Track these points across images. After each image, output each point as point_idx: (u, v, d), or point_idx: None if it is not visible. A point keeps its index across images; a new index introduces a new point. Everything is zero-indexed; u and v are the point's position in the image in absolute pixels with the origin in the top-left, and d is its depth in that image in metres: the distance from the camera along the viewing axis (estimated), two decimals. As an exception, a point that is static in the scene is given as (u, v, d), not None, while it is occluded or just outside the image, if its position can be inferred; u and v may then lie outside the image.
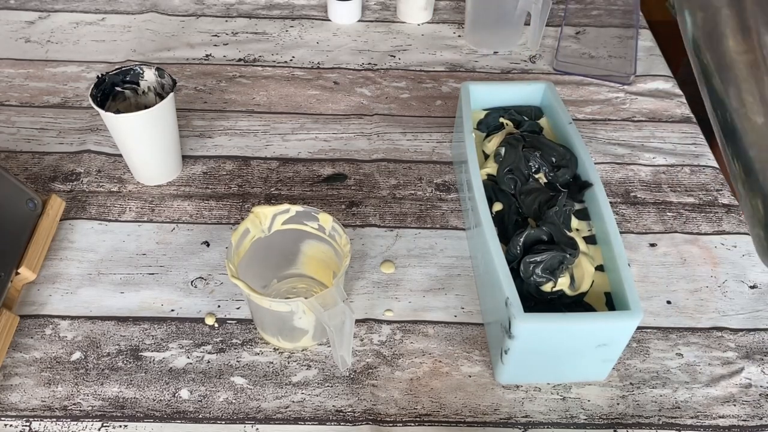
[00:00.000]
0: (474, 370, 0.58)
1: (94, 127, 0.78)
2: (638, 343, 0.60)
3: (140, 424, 0.54)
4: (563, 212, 0.60)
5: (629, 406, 0.56)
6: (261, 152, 0.77)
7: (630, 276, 0.53)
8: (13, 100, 0.82)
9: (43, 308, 0.61)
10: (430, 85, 0.87)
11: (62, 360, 0.57)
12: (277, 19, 0.97)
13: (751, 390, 0.58)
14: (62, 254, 0.65)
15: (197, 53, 0.90)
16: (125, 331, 0.60)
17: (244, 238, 0.58)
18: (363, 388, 0.56)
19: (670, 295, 0.64)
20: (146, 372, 0.57)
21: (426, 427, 0.54)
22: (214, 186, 0.73)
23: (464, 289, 0.64)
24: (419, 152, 0.77)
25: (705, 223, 0.71)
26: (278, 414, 0.55)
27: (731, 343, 0.61)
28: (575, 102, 0.84)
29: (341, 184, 0.73)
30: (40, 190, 0.71)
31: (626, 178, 0.75)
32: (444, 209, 0.71)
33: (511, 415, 0.55)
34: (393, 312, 0.62)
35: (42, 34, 0.92)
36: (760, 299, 0.64)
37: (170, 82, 0.68)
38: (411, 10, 0.96)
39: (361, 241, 0.68)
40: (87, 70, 0.86)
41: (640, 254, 0.68)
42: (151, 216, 0.69)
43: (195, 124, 0.80)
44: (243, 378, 0.57)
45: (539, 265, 0.55)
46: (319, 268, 0.62)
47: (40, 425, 0.53)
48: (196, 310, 0.61)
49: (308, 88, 0.85)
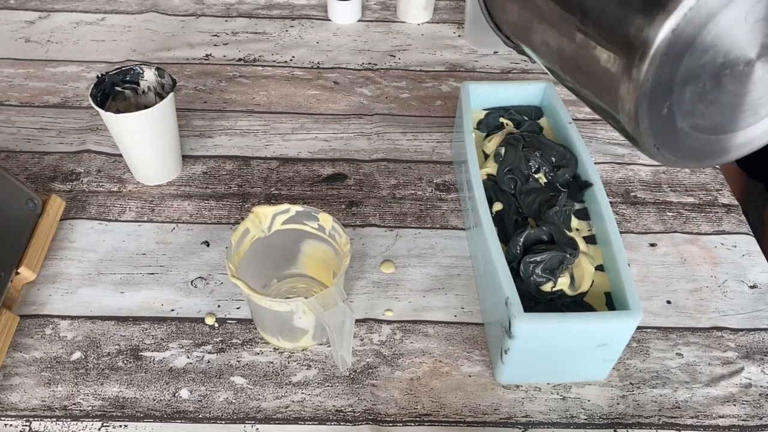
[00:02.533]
0: (474, 370, 0.58)
1: (94, 127, 0.78)
2: (638, 343, 0.60)
3: (140, 423, 0.54)
4: (563, 212, 0.60)
5: (629, 406, 0.56)
6: (261, 152, 0.77)
7: (630, 276, 0.53)
8: (13, 99, 0.82)
9: (43, 308, 0.61)
10: (430, 84, 0.87)
11: (62, 360, 0.57)
12: (277, 18, 0.97)
13: (751, 390, 0.58)
14: (62, 254, 0.65)
15: (197, 53, 0.90)
16: (125, 331, 0.60)
17: (244, 238, 0.58)
18: (363, 388, 0.57)
19: (670, 295, 0.64)
20: (146, 372, 0.57)
21: (426, 427, 0.54)
22: (214, 186, 0.73)
23: (464, 289, 0.64)
24: (419, 152, 0.77)
25: (705, 223, 0.71)
26: (278, 414, 0.55)
27: (731, 343, 0.61)
28: (575, 102, 0.84)
29: (341, 184, 0.73)
30: (40, 190, 0.71)
31: (626, 178, 0.75)
32: (444, 209, 0.71)
33: (511, 415, 0.55)
34: (393, 312, 0.62)
35: (42, 34, 0.92)
36: (760, 299, 0.64)
37: (170, 82, 0.68)
38: (411, 10, 0.96)
39: (361, 241, 0.68)
40: (87, 70, 0.86)
41: (640, 254, 0.68)
42: (151, 216, 0.69)
43: (195, 124, 0.80)
44: (243, 378, 0.57)
45: (539, 265, 0.55)
46: (319, 268, 0.62)
47: (40, 425, 0.53)
48: (196, 310, 0.61)
49: (308, 88, 0.86)
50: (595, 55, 0.38)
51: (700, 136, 0.39)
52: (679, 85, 0.36)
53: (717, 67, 0.36)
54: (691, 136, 0.38)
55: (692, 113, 0.37)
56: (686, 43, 0.34)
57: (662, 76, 0.35)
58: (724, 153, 0.40)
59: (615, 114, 0.39)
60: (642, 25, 0.34)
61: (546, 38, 0.44)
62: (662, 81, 0.35)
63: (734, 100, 0.38)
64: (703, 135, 0.39)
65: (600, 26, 0.37)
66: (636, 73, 0.35)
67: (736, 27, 0.34)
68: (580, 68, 0.41)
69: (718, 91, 0.37)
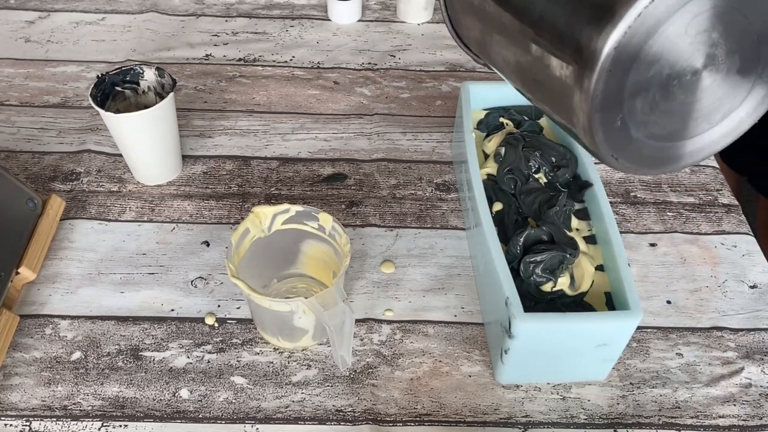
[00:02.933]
0: (474, 370, 0.58)
1: (94, 126, 0.78)
2: (638, 343, 0.60)
3: (140, 423, 0.54)
4: (563, 212, 0.60)
5: (629, 406, 0.56)
6: (261, 152, 0.77)
7: (630, 276, 0.53)
8: (13, 99, 0.82)
9: (43, 308, 0.61)
10: (430, 84, 0.87)
11: (62, 360, 0.57)
12: (277, 18, 0.97)
13: (751, 390, 0.58)
14: (62, 254, 0.65)
15: (197, 53, 0.90)
16: (125, 330, 0.60)
17: (244, 238, 0.58)
18: (363, 388, 0.57)
19: (670, 295, 0.64)
20: (146, 372, 0.57)
21: (426, 426, 0.54)
22: (214, 186, 0.73)
23: (464, 289, 0.64)
24: (419, 152, 0.77)
25: (705, 223, 0.71)
26: (278, 414, 0.55)
27: (731, 343, 0.61)
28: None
29: (341, 183, 0.73)
30: (40, 190, 0.71)
31: (626, 178, 0.75)
32: (444, 209, 0.71)
33: (511, 415, 0.55)
34: (393, 312, 0.62)
35: (42, 34, 0.92)
36: (760, 299, 0.64)
37: (170, 81, 0.68)
38: (411, 10, 0.96)
39: (361, 241, 0.68)
40: (87, 69, 0.86)
41: (640, 254, 0.68)
42: (151, 216, 0.69)
43: (195, 123, 0.80)
44: (243, 378, 0.57)
45: (539, 265, 0.55)
46: (319, 268, 0.62)
47: (40, 425, 0.53)
48: (196, 310, 0.61)
49: (308, 87, 0.86)
50: (549, 66, 0.39)
51: (656, 143, 0.39)
52: (629, 97, 0.36)
53: (664, 79, 0.36)
54: (647, 144, 0.39)
55: (646, 123, 0.38)
56: (630, 58, 0.35)
57: (611, 89, 0.35)
58: (683, 158, 0.41)
59: (572, 128, 0.39)
60: (589, 37, 0.35)
61: (505, 53, 0.44)
62: (611, 94, 0.36)
63: (686, 108, 0.39)
64: (659, 143, 0.39)
65: (552, 36, 0.38)
66: (587, 83, 0.35)
67: (679, 40, 0.35)
68: (537, 82, 0.41)
69: (669, 101, 0.38)
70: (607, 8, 0.34)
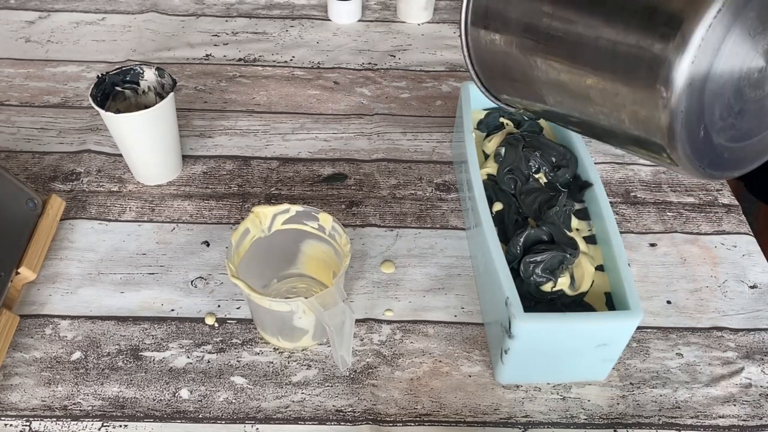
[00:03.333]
0: (474, 370, 0.58)
1: (94, 127, 0.78)
2: (638, 343, 0.60)
3: (140, 423, 0.54)
4: (563, 212, 0.60)
5: (629, 406, 0.56)
6: (261, 152, 0.77)
7: (630, 276, 0.53)
8: (13, 99, 0.82)
9: (43, 308, 0.61)
10: (430, 84, 0.87)
11: (62, 360, 0.57)
12: (277, 18, 0.97)
13: (751, 390, 0.58)
14: (62, 254, 0.65)
15: (197, 53, 0.90)
16: (125, 330, 0.60)
17: (244, 238, 0.58)
18: (363, 388, 0.57)
19: (670, 295, 0.64)
20: (146, 372, 0.57)
21: (426, 427, 0.54)
22: (214, 186, 0.73)
23: (464, 289, 0.64)
24: (419, 152, 0.77)
25: (705, 223, 0.71)
26: (278, 414, 0.55)
27: (731, 343, 0.61)
28: (575, 102, 0.84)
29: (341, 184, 0.73)
30: (40, 190, 0.71)
31: (626, 178, 0.75)
32: (444, 209, 0.71)
33: (511, 415, 0.55)
34: (393, 312, 0.62)
35: (42, 34, 0.92)
36: (760, 299, 0.64)
37: (170, 81, 0.68)
38: (411, 10, 0.96)
39: (361, 241, 0.68)
40: (87, 69, 0.86)
41: (640, 254, 0.68)
42: (151, 216, 0.69)
43: (195, 124, 0.80)
44: (243, 378, 0.57)
45: (539, 265, 0.55)
46: (319, 268, 0.62)
47: (40, 425, 0.53)
48: (196, 310, 0.61)
49: (308, 88, 0.86)
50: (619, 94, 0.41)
51: (735, 145, 0.42)
52: (708, 106, 0.38)
53: (736, 82, 0.38)
54: (728, 148, 0.41)
55: (724, 127, 0.40)
56: (706, 69, 0.37)
57: (693, 104, 0.37)
58: (762, 153, 0.44)
59: (654, 151, 0.41)
60: (664, 57, 0.37)
61: (560, 98, 0.46)
62: (693, 108, 0.38)
63: (759, 104, 0.41)
64: (738, 143, 0.42)
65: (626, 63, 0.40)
66: (670, 102, 0.37)
67: (743, 44, 0.37)
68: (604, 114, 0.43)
69: (743, 102, 0.40)
70: (675, 25, 0.36)
